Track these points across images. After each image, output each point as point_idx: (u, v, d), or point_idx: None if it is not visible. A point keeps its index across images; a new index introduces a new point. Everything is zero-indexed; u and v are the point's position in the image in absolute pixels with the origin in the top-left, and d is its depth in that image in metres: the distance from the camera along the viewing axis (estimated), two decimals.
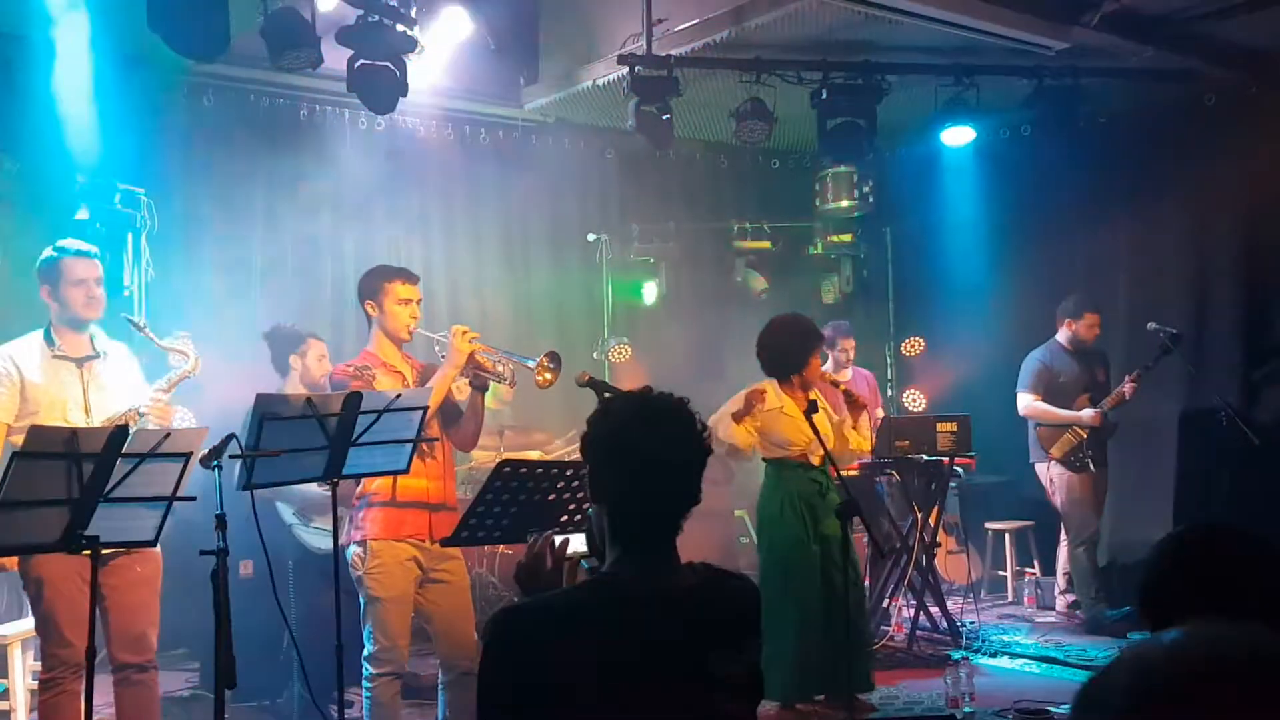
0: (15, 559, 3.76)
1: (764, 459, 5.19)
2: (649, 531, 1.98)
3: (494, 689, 1.85)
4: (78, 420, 3.85)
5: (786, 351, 5.07)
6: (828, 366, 7.33)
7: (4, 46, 5.64)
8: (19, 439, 3.56)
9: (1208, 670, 0.87)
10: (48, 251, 4.05)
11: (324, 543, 5.22)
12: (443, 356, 4.22)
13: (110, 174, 5.88)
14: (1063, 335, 6.85)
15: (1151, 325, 6.71)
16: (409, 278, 4.32)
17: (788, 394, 5.05)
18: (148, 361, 4.33)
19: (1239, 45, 6.87)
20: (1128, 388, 6.65)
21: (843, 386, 5.37)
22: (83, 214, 5.79)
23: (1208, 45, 6.82)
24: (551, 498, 3.56)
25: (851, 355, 7.41)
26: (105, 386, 4.02)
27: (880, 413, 7.25)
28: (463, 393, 4.34)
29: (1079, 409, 6.69)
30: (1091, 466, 6.71)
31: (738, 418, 4.95)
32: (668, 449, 1.97)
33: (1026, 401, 6.81)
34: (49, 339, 3.99)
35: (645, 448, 1.96)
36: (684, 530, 2.05)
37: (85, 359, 4.01)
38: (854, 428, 5.22)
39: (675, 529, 2.01)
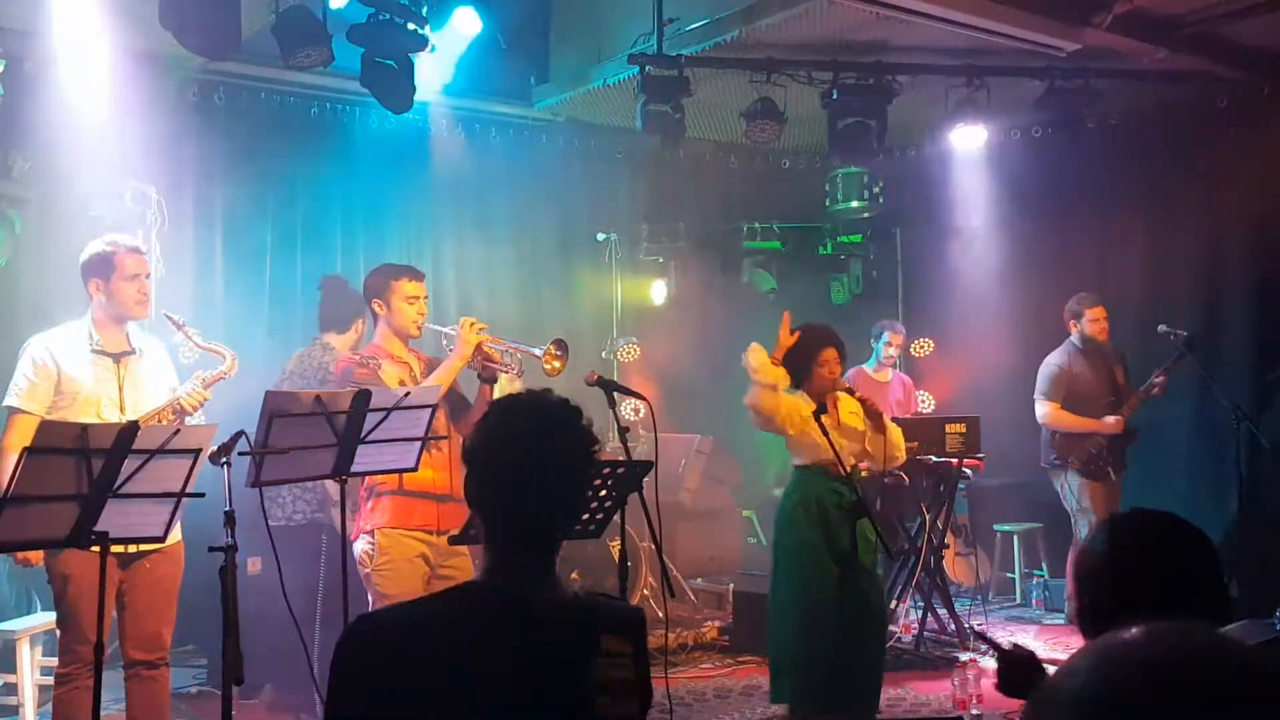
0: (42, 554, 3.77)
1: (794, 465, 5.14)
2: (519, 543, 1.85)
3: (341, 692, 1.74)
4: (112, 417, 3.84)
5: (795, 359, 5.03)
6: (870, 364, 7.35)
7: (15, 44, 5.65)
8: None
9: (1162, 669, 0.87)
10: (100, 245, 4.01)
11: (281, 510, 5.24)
12: (450, 350, 4.23)
13: (121, 171, 5.90)
14: (1075, 337, 6.74)
15: (1162, 328, 6.64)
16: (415, 275, 4.33)
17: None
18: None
19: (1252, 46, 6.84)
20: (1154, 387, 6.54)
21: (858, 395, 5.15)
22: (94, 211, 5.80)
23: (1220, 46, 6.79)
24: None
25: (896, 352, 7.42)
26: (140, 383, 4.02)
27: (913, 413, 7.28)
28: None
29: (1102, 414, 6.56)
30: (1112, 474, 6.57)
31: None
32: (537, 458, 1.82)
33: (1047, 409, 6.63)
34: (89, 332, 3.98)
35: (511, 456, 1.82)
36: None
37: (122, 354, 4.01)
38: (877, 434, 5.08)
39: (548, 543, 1.87)
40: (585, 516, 3.69)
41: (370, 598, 4.12)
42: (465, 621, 1.78)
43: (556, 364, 4.21)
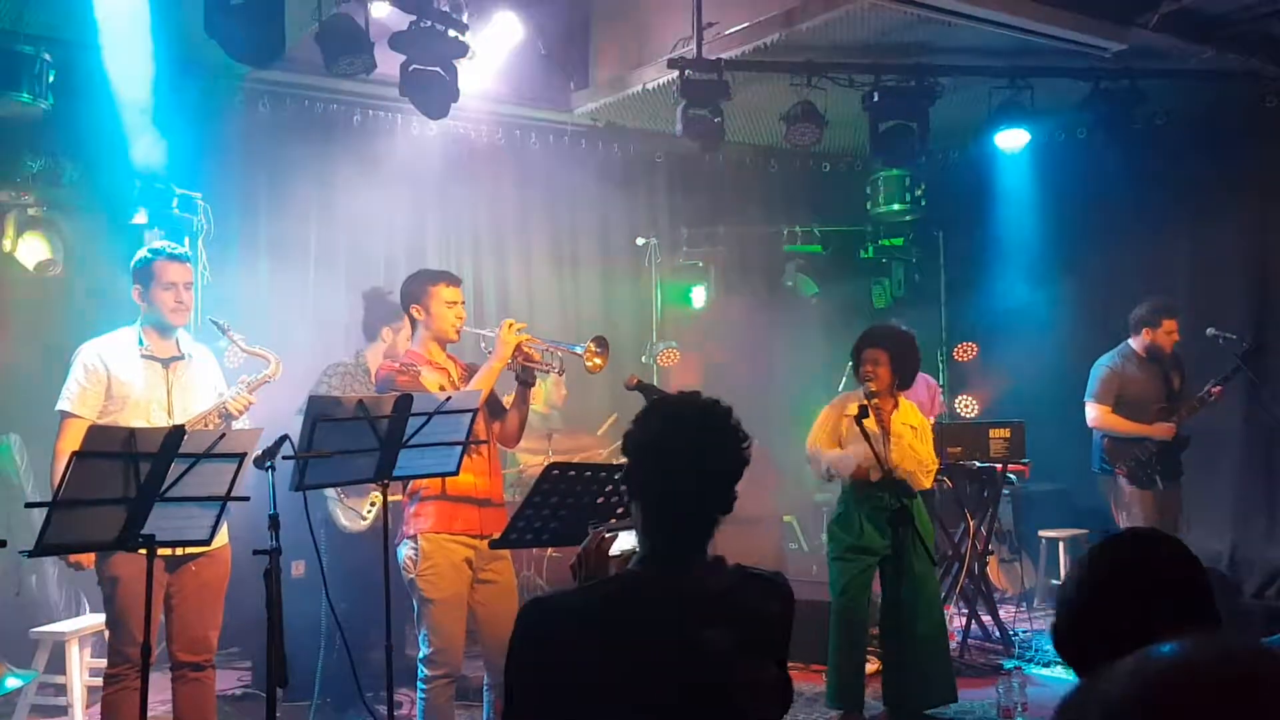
0: (92, 557, 3.83)
1: None
2: (680, 532, 2.02)
3: (518, 673, 1.93)
4: (160, 421, 3.90)
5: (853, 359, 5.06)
6: None
7: (64, 53, 5.75)
8: None
9: (1205, 677, 0.85)
10: (142, 252, 4.11)
11: (352, 523, 5.29)
12: (489, 353, 4.24)
13: (168, 178, 5.98)
14: (1137, 343, 6.40)
15: (1210, 331, 6.48)
16: (452, 280, 4.34)
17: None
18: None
19: None
20: (1209, 396, 6.26)
21: (874, 403, 4.91)
22: (141, 218, 5.89)
23: (1268, 46, 6.68)
24: (600, 500, 3.56)
25: None
26: (189, 388, 4.09)
27: (932, 419, 7.11)
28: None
29: (1153, 420, 6.30)
30: (1159, 483, 6.30)
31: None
32: (708, 455, 2.00)
33: (1097, 412, 6.40)
34: (139, 338, 4.05)
35: (686, 451, 1.99)
36: (731, 535, 2.06)
37: (171, 360, 4.08)
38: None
39: (707, 533, 2.05)
40: (629, 519, 3.68)
41: (415, 602, 4.13)
42: (624, 608, 1.94)
43: (598, 360, 4.20)
